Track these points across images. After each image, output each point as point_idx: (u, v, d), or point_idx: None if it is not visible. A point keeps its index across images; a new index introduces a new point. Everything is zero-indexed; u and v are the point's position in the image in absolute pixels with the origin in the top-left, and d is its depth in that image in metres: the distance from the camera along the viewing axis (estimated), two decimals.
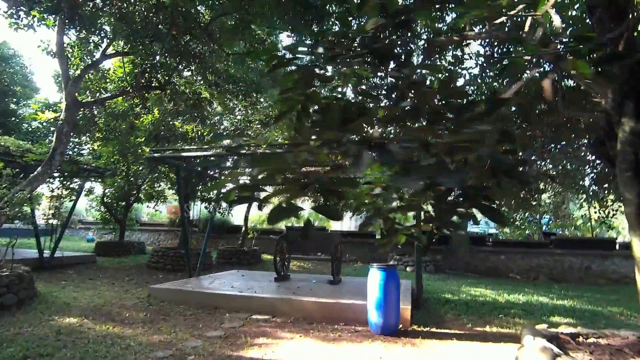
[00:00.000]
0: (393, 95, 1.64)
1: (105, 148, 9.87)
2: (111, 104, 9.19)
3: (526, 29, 2.43)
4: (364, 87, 1.92)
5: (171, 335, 4.75)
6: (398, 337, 5.03)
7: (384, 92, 1.81)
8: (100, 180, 11.59)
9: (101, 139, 9.18)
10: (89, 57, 8.33)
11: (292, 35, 7.42)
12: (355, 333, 5.20)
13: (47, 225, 10.49)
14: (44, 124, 9.64)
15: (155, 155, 6.99)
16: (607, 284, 12.28)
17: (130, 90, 7.78)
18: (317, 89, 1.72)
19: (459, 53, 6.64)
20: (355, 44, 1.71)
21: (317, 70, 1.68)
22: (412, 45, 6.61)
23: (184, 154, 6.91)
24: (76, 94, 7.36)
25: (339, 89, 1.93)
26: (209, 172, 8.99)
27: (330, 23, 6.81)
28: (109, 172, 10.69)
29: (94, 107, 8.40)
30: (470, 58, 6.60)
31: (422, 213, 2.02)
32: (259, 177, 1.43)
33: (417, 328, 5.52)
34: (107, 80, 8.82)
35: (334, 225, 19.52)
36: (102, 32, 7.18)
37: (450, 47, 6.49)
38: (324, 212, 1.38)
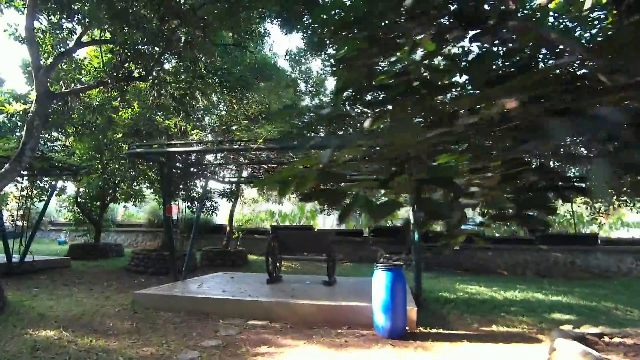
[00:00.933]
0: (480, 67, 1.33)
1: (80, 144, 9.16)
2: (87, 96, 8.53)
3: None
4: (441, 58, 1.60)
5: (163, 347, 4.31)
6: (407, 341, 4.78)
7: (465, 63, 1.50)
8: (73, 179, 10.84)
9: (75, 134, 8.49)
10: (61, 45, 7.66)
11: (285, 24, 7.06)
12: (362, 337, 4.90)
13: (15, 227, 9.69)
14: (12, 117, 8.86)
15: (138, 150, 6.47)
16: (591, 277, 12.52)
17: (109, 81, 7.19)
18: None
19: None
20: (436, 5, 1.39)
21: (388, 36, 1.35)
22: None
23: (168, 149, 6.43)
24: (48, 84, 6.73)
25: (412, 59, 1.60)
26: (192, 169, 8.51)
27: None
28: (84, 170, 9.98)
29: (68, 98, 7.74)
30: None
31: (495, 209, 1.72)
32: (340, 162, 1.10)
33: (424, 330, 5.29)
34: (83, 70, 8.16)
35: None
36: (77, 16, 6.58)
37: None
38: (428, 206, 1.06)
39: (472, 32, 1.31)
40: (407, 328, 5.14)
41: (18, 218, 9.27)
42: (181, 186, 10.89)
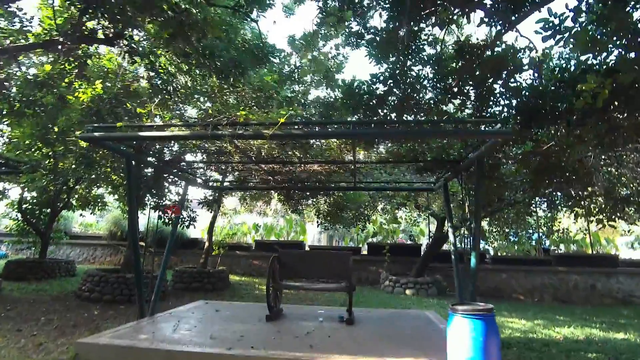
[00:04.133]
0: None
1: (19, 130, 6.97)
2: (31, 63, 6.48)
3: None
4: None
5: None
6: None
7: None
8: (11, 177, 8.54)
9: (13, 116, 6.29)
10: None
11: None
12: None
13: None
14: None
15: (96, 134, 4.49)
16: (614, 303, 11.34)
17: (61, 41, 5.21)
18: None
19: None
20: None
21: None
22: None
23: (142, 133, 4.52)
24: None
25: None
26: (170, 167, 6.53)
27: None
28: (26, 167, 7.76)
29: (1, 62, 5.67)
30: None
31: None
32: None
33: None
34: (27, 32, 6.08)
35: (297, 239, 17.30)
36: None
37: None
38: None
39: None
40: None
41: None
42: (153, 190, 8.81)
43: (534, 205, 13.34)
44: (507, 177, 6.36)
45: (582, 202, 6.59)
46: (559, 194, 8.41)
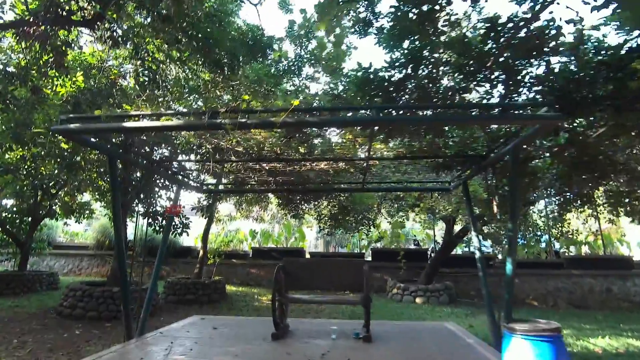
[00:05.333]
0: None
1: None
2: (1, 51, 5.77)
3: None
4: None
5: None
6: None
7: None
8: None
9: None
10: None
11: None
12: None
13: None
14: None
15: (72, 126, 3.79)
16: (633, 307, 10.81)
17: (33, 22, 4.52)
18: None
19: None
20: None
21: None
22: None
23: (127, 124, 3.84)
24: None
25: None
26: (165, 165, 5.82)
27: None
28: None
29: None
30: None
31: None
32: None
33: None
34: None
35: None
36: None
37: None
38: None
39: None
40: None
41: None
42: (142, 195, 8.08)
43: (544, 206, 12.83)
44: (538, 173, 5.78)
45: (624, 200, 6.03)
46: (568, 193, 7.91)
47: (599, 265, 11.65)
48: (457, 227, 11.33)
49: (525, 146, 5.34)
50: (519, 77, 4.60)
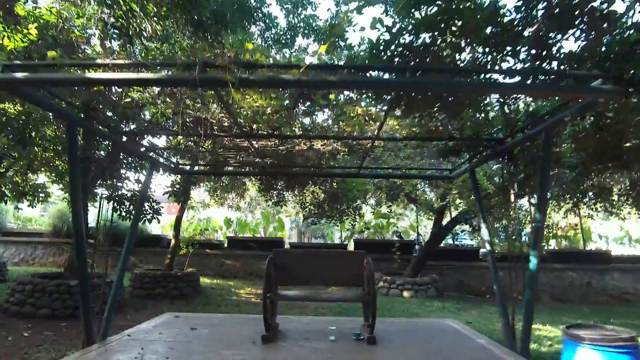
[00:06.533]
0: None
1: None
2: None
3: None
4: None
5: None
6: None
7: None
8: None
9: None
10: None
11: None
12: None
13: None
14: None
15: (16, 76, 2.89)
16: (610, 301, 10.93)
17: None
18: None
19: None
20: None
21: None
22: None
23: (91, 75, 2.98)
24: None
25: None
26: (136, 139, 4.92)
27: None
28: None
29: None
30: None
31: None
32: None
33: None
34: None
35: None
36: None
37: None
38: None
39: None
40: None
41: None
42: (108, 176, 7.07)
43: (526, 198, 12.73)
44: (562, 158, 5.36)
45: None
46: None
47: (578, 259, 11.71)
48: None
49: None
50: (555, 49, 4.08)
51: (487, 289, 11.18)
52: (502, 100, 4.77)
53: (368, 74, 3.15)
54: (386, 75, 3.29)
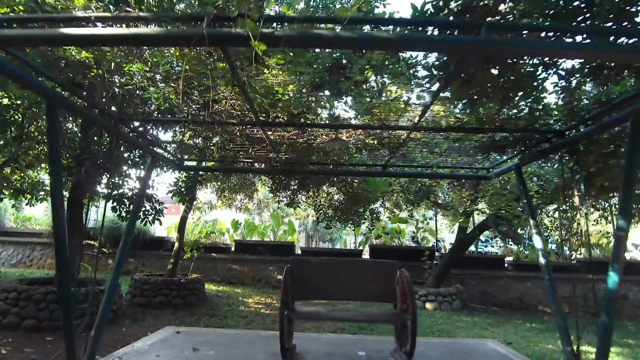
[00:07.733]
0: None
1: None
2: None
3: None
4: None
5: None
6: None
7: None
8: None
9: None
10: None
11: None
12: None
13: None
14: None
15: None
16: None
17: None
18: None
19: None
20: None
21: None
22: None
23: (68, 30, 2.31)
24: None
25: None
26: (133, 125, 4.23)
27: None
28: None
29: None
30: None
31: None
32: None
33: None
34: None
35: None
36: None
37: None
38: None
39: None
40: None
41: None
42: (105, 173, 6.43)
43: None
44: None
45: None
46: None
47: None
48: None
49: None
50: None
51: (513, 301, 10.33)
52: (565, 83, 4.00)
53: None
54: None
